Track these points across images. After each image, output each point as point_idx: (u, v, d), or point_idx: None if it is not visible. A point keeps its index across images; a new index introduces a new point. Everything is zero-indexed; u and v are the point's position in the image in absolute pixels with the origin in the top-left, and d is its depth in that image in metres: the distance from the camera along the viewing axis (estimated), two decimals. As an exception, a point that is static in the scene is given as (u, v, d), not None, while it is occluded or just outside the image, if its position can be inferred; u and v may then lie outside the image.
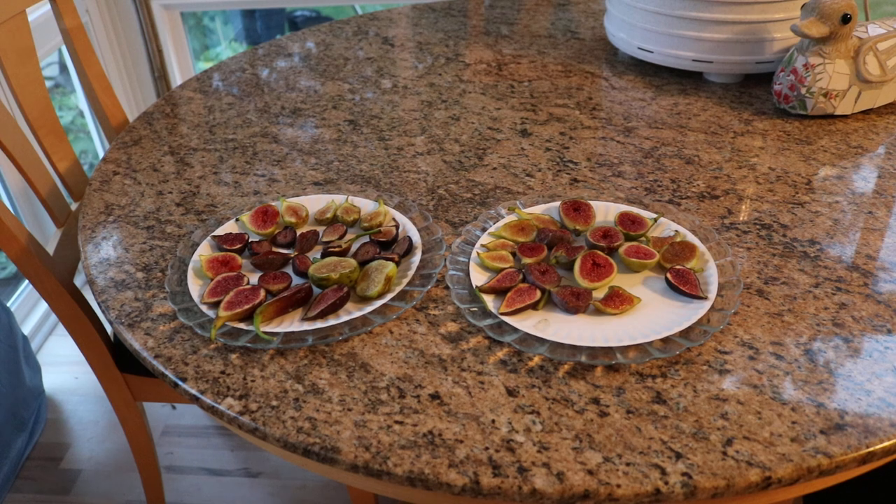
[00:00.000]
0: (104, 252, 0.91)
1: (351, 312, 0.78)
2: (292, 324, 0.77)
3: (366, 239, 0.89)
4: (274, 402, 0.69)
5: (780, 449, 0.63)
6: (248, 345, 0.74)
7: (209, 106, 1.27)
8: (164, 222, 0.96)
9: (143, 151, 1.14)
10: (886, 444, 0.64)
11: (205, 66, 2.75)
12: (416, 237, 0.88)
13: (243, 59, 1.45)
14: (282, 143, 1.14)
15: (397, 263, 0.83)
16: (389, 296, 0.79)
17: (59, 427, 1.74)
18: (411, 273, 0.82)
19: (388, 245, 0.87)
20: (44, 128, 1.22)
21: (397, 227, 0.90)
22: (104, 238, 0.94)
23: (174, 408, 1.76)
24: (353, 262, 0.82)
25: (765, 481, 0.62)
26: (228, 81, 1.36)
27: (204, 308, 0.79)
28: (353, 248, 0.88)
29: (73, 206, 1.30)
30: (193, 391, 0.71)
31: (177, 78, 2.42)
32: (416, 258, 0.84)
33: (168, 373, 0.73)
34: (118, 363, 1.17)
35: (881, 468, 0.72)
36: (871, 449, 0.64)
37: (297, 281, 0.83)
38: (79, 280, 1.15)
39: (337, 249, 0.85)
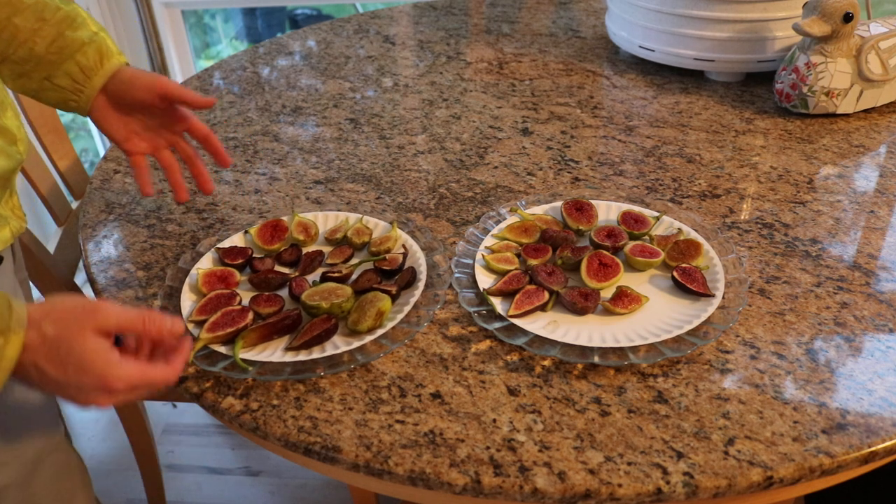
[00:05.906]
0: (105, 250, 0.91)
1: (337, 346, 0.73)
2: (275, 352, 0.73)
3: (370, 264, 0.85)
4: (275, 402, 0.69)
5: (782, 448, 0.63)
6: (224, 372, 0.70)
7: (210, 104, 1.27)
8: (164, 221, 0.96)
9: (144, 150, 1.14)
10: (888, 443, 0.64)
11: (205, 64, 2.75)
12: (423, 266, 0.83)
13: (244, 58, 1.45)
14: (283, 142, 1.14)
15: (394, 297, 0.79)
16: (380, 331, 0.74)
17: (59, 425, 1.74)
18: (408, 309, 0.77)
19: (391, 274, 0.82)
20: (44, 126, 1.22)
21: (405, 254, 0.85)
22: (105, 237, 0.94)
23: (175, 406, 1.76)
24: (349, 290, 0.77)
25: (766, 481, 0.62)
26: (229, 80, 1.36)
27: (190, 326, 0.76)
28: (356, 273, 0.83)
29: (74, 205, 1.30)
30: (194, 390, 0.71)
31: (177, 76, 2.41)
32: (418, 292, 0.79)
33: (169, 372, 0.73)
34: (119, 362, 1.17)
35: (883, 468, 0.72)
36: (872, 448, 0.64)
37: (291, 304, 0.79)
38: (79, 278, 1.15)
39: (336, 275, 0.81)
